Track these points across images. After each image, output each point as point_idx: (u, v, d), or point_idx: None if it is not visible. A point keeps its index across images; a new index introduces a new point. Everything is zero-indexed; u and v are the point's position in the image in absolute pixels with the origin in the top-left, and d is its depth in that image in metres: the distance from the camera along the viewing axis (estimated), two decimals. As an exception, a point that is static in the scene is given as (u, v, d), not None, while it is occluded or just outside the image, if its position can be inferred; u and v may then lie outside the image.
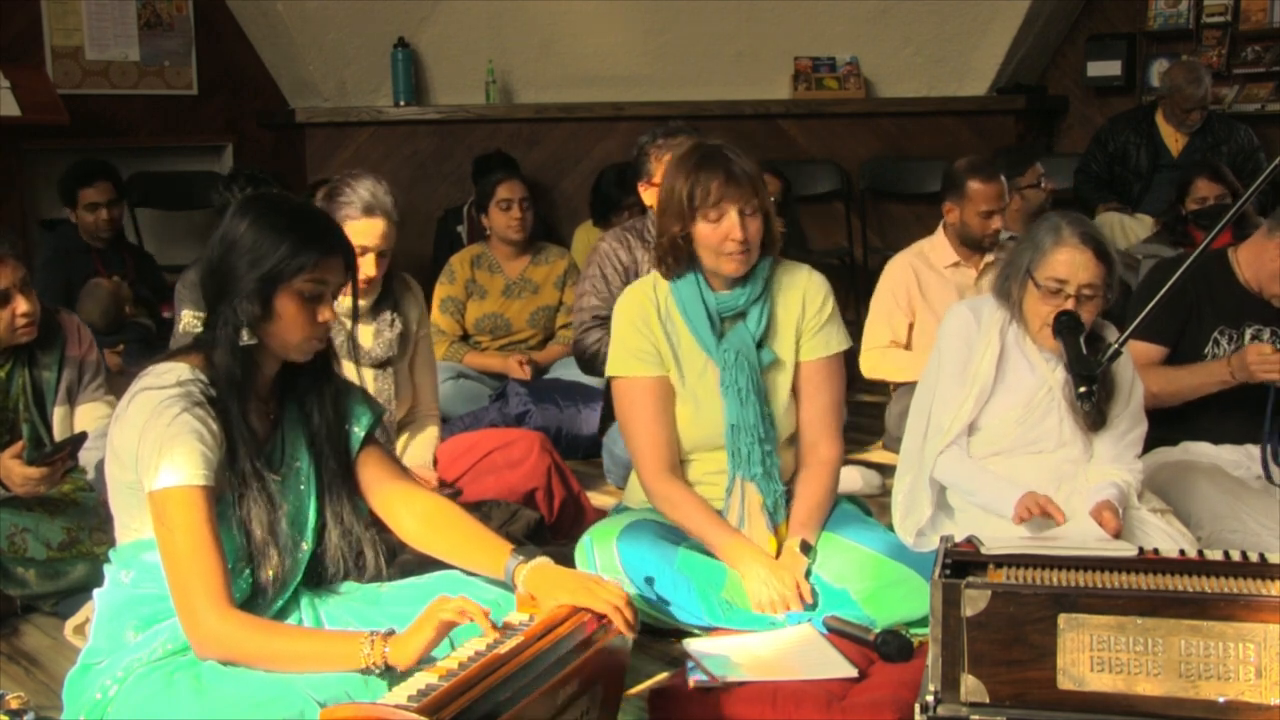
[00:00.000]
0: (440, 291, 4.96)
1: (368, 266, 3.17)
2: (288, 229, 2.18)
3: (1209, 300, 3.35)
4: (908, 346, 4.42)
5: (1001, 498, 2.86)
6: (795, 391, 3.01)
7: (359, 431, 2.38)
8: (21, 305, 3.03)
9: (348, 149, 6.64)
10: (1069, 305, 2.85)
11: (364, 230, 3.16)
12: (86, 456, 3.24)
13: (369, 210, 3.19)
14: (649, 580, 2.81)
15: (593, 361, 4.16)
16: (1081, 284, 2.85)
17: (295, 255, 2.16)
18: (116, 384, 3.28)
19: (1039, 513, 2.78)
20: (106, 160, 5.43)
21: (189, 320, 2.24)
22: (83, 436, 3.10)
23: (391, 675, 2.00)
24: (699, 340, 2.94)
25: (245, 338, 2.17)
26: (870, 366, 4.40)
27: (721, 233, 2.85)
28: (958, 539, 2.25)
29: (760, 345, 2.95)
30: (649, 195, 4.12)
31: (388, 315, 3.36)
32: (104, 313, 4.94)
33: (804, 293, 3.01)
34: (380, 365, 3.33)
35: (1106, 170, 6.17)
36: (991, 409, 2.98)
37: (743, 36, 6.78)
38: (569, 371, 4.65)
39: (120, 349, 4.81)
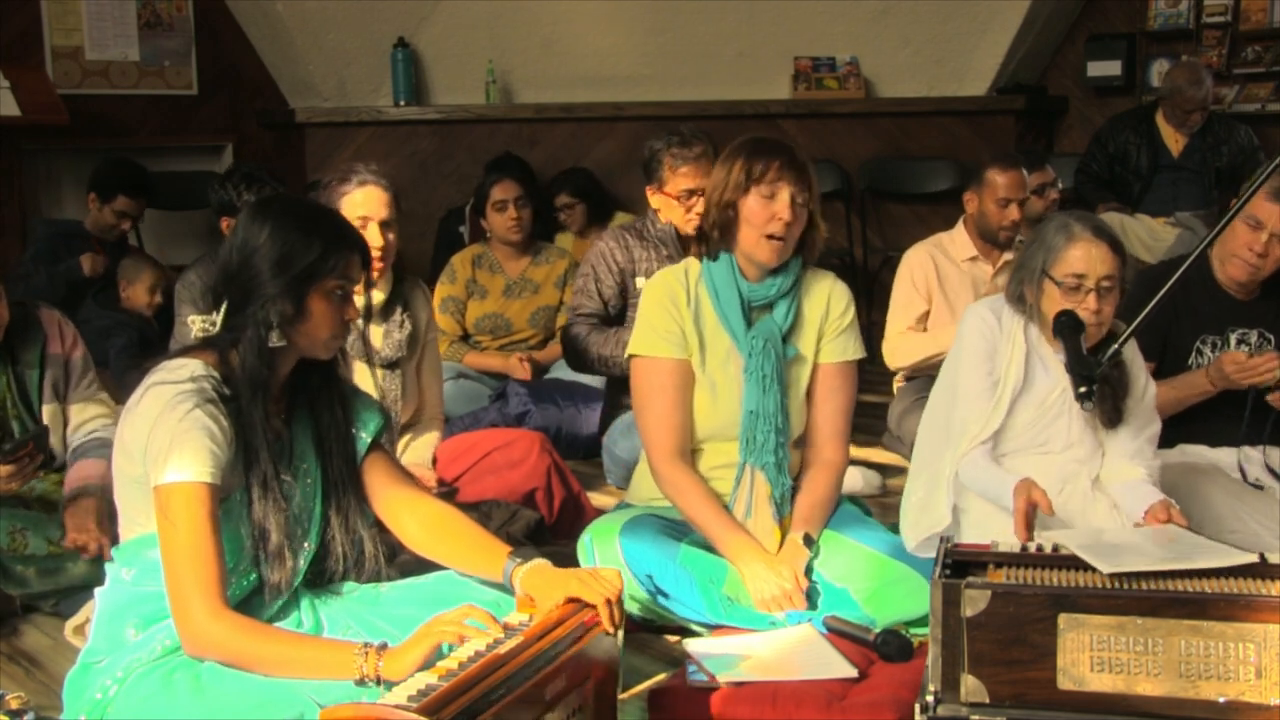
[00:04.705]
0: (441, 291, 4.96)
1: (373, 236, 3.18)
2: (315, 231, 2.21)
3: (1188, 309, 3.34)
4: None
5: (1001, 485, 2.80)
6: (809, 394, 3.04)
7: (366, 436, 2.40)
8: None
9: (348, 149, 6.64)
10: (1090, 300, 2.83)
11: (363, 199, 3.22)
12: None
13: (363, 182, 3.25)
14: (650, 575, 2.81)
15: (578, 356, 4.16)
16: (1101, 276, 2.83)
17: (326, 256, 2.20)
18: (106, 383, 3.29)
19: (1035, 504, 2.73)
20: (150, 176, 5.50)
21: (200, 326, 2.24)
22: (45, 430, 3.09)
23: (385, 686, 1.99)
24: (728, 325, 2.97)
25: (275, 339, 2.18)
26: (890, 353, 4.40)
27: (771, 210, 2.89)
28: (965, 542, 2.25)
29: (784, 340, 2.98)
30: (656, 200, 4.12)
31: (398, 316, 3.36)
32: (149, 289, 4.97)
33: (829, 297, 3.06)
34: (389, 366, 3.33)
35: (1107, 170, 6.16)
36: (1010, 410, 2.96)
37: (743, 36, 6.78)
38: (569, 372, 4.65)
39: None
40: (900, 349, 4.39)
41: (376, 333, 3.31)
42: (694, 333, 2.99)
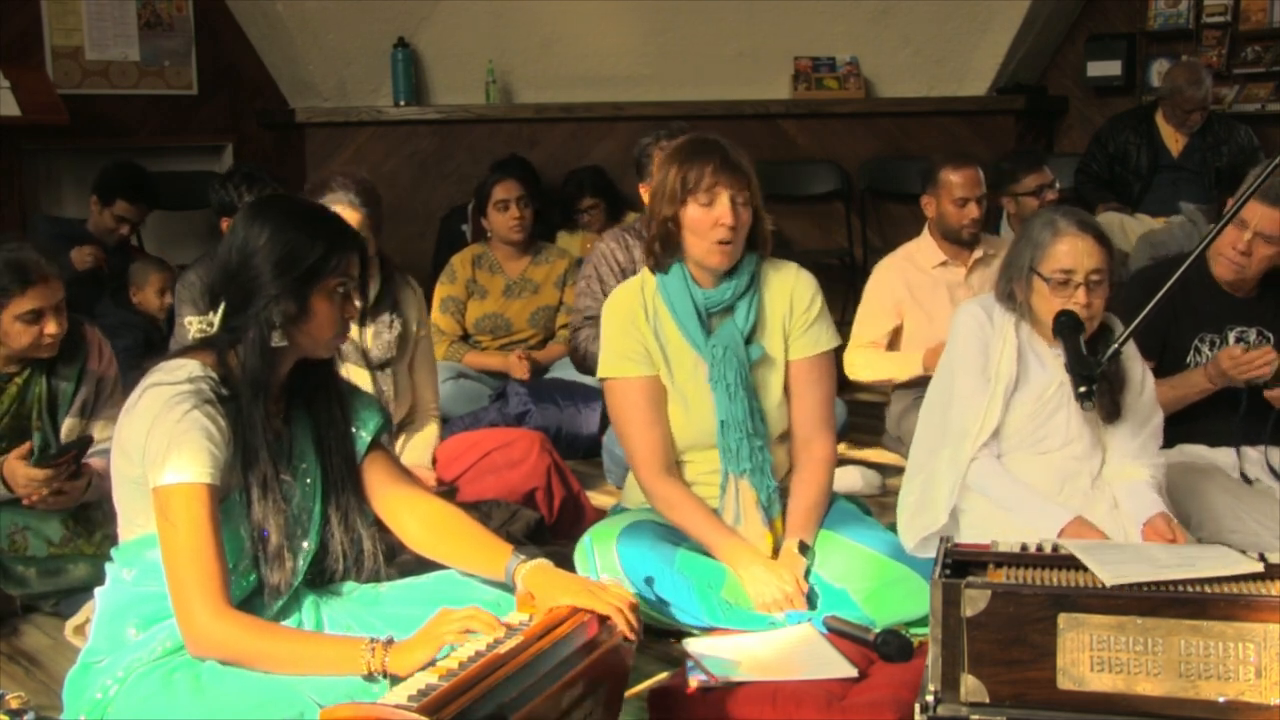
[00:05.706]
0: (441, 291, 4.96)
1: None
2: (317, 231, 2.22)
3: (1187, 308, 3.34)
4: (889, 348, 4.41)
5: (1044, 516, 2.82)
6: (787, 390, 3.02)
7: (365, 435, 2.40)
8: (51, 326, 3.04)
9: (348, 149, 6.64)
10: (1080, 294, 2.83)
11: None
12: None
13: (336, 202, 3.20)
14: (649, 580, 2.81)
15: (585, 360, 4.16)
16: (1089, 270, 2.84)
17: (329, 256, 2.21)
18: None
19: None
20: (153, 182, 5.51)
21: (197, 326, 2.24)
22: (88, 440, 3.10)
23: (392, 681, 2.00)
24: (687, 336, 2.94)
25: (277, 339, 2.19)
26: (849, 365, 4.40)
27: (713, 217, 2.85)
28: (964, 542, 2.25)
29: (749, 341, 2.95)
30: (649, 195, 4.11)
31: (386, 316, 3.36)
32: (158, 292, 4.98)
33: (792, 291, 3.01)
34: (380, 366, 3.33)
35: (1107, 170, 6.16)
36: (1007, 405, 2.95)
37: (743, 36, 6.78)
38: (569, 371, 4.65)
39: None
40: (859, 364, 4.37)
41: (365, 334, 3.31)
42: (656, 348, 2.95)
